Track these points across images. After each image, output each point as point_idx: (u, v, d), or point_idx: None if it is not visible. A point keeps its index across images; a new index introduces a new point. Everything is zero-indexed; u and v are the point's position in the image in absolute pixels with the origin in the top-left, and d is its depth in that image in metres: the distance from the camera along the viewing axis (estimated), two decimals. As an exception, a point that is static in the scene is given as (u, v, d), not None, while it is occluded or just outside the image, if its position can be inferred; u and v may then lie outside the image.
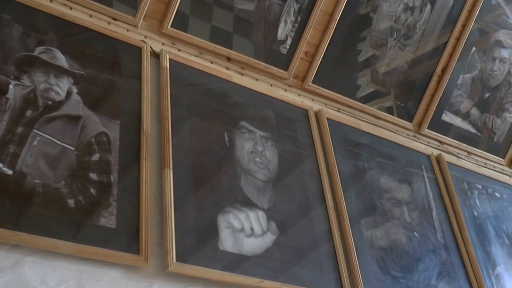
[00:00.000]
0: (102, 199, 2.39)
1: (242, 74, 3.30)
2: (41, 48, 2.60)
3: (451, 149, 4.08)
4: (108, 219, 2.35)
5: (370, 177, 3.39)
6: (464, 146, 4.15)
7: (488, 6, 3.97)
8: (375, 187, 3.38)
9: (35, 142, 2.34)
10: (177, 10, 3.09)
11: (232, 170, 2.88)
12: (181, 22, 3.13)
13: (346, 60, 3.65)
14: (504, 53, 4.15)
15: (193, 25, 3.18)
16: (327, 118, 3.40)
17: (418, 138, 3.94)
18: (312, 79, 3.49)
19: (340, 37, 3.54)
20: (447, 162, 3.86)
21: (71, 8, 2.86)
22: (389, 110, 3.84)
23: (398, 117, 3.86)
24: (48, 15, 2.74)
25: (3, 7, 2.60)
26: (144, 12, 3.03)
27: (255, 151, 3.00)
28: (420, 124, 3.95)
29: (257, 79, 3.35)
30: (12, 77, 2.44)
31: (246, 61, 3.31)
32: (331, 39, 3.50)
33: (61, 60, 2.63)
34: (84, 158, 2.43)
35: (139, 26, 3.03)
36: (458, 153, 4.11)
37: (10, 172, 2.22)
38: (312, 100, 3.53)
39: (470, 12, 3.90)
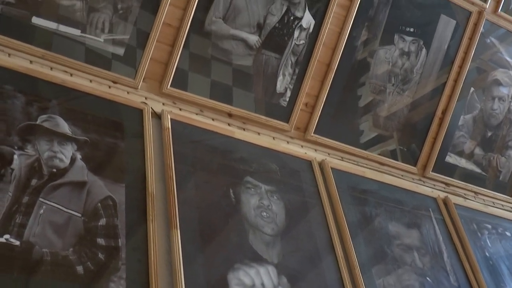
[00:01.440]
0: (110, 263, 2.37)
1: (244, 129, 3.32)
2: (44, 116, 2.62)
3: (457, 190, 4.07)
4: (117, 284, 2.33)
5: (378, 224, 3.37)
6: (471, 186, 4.15)
7: (483, 45, 4.02)
8: (384, 234, 3.35)
9: (42, 211, 2.35)
10: (176, 67, 3.13)
11: (239, 226, 2.87)
12: (180, 79, 3.17)
13: (347, 106, 3.68)
14: (503, 91, 4.18)
15: (193, 81, 3.21)
16: (331, 168, 3.40)
17: (424, 182, 3.94)
18: (313, 130, 3.52)
19: (339, 85, 3.58)
20: (454, 203, 3.84)
21: (71, 75, 2.90)
22: (393, 153, 3.85)
23: (402, 161, 3.87)
24: (49, 83, 2.77)
25: (5, 79, 2.64)
26: (144, 74, 3.07)
27: (261, 206, 2.99)
28: (424, 168, 3.96)
29: (259, 133, 3.37)
30: (16, 147, 2.45)
31: (247, 116, 3.34)
32: (330, 88, 3.54)
33: (64, 127, 2.65)
34: (91, 223, 2.43)
35: (139, 88, 3.07)
36: (465, 194, 4.09)
37: (17, 243, 2.21)
38: (315, 150, 3.54)
39: (466, 53, 3.96)
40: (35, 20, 2.84)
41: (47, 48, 2.86)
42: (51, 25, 2.87)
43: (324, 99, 3.52)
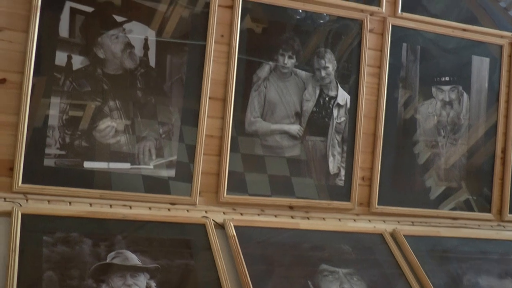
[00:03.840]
0: None
1: (308, 218, 3.31)
2: (112, 254, 2.69)
3: (542, 226, 3.90)
4: None
5: (467, 282, 3.25)
6: (555, 218, 3.97)
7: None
8: (477, 291, 3.23)
9: None
10: (229, 171, 3.18)
11: (327, 316, 2.82)
12: (238, 181, 3.22)
13: (406, 168, 3.63)
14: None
15: (251, 179, 3.26)
16: (404, 236, 3.33)
17: (504, 226, 3.79)
18: (377, 202, 3.48)
19: (390, 151, 3.56)
20: (543, 240, 3.68)
21: (130, 207, 2.98)
22: (467, 203, 3.76)
23: (478, 209, 3.76)
24: (111, 220, 2.86)
25: (70, 227, 2.73)
26: (199, 188, 3.13)
27: (343, 290, 2.94)
28: (500, 212, 3.83)
29: (324, 218, 3.35)
30: (92, 290, 2.52)
31: (308, 204, 3.34)
32: (382, 156, 3.52)
33: (133, 259, 2.70)
34: None
35: (197, 203, 3.12)
36: (551, 228, 3.92)
37: None
38: (384, 221, 3.49)
39: (509, 87, 3.89)
40: (87, 164, 2.96)
41: (103, 188, 2.97)
42: (102, 165, 2.99)
43: (379, 168, 3.50)
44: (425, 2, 3.69)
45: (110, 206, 2.94)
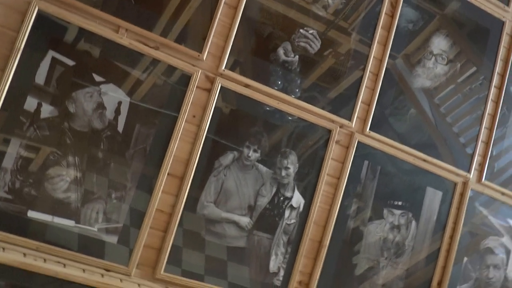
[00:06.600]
0: None
1: (238, 312, 3.29)
2: (35, 312, 2.62)
3: None
4: None
5: None
6: None
7: (472, 212, 4.04)
8: None
9: None
10: (168, 254, 3.16)
11: None
12: (174, 256, 3.18)
13: (342, 279, 3.65)
14: (497, 258, 4.17)
15: (187, 256, 3.23)
16: None
17: None
18: (310, 310, 3.49)
19: (332, 260, 3.58)
20: None
21: (64, 266, 2.91)
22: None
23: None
24: (43, 276, 2.78)
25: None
26: (137, 261, 3.09)
27: None
28: None
29: (254, 316, 3.33)
30: None
31: (241, 298, 3.32)
32: (323, 264, 3.54)
33: (55, 321, 2.63)
34: None
35: (132, 274, 3.07)
36: None
37: None
38: (312, 331, 3.48)
39: (455, 223, 3.99)
40: (31, 214, 2.91)
41: (41, 240, 2.90)
42: (46, 217, 2.94)
43: (318, 276, 3.51)
44: (391, 121, 3.81)
45: (44, 260, 2.87)
